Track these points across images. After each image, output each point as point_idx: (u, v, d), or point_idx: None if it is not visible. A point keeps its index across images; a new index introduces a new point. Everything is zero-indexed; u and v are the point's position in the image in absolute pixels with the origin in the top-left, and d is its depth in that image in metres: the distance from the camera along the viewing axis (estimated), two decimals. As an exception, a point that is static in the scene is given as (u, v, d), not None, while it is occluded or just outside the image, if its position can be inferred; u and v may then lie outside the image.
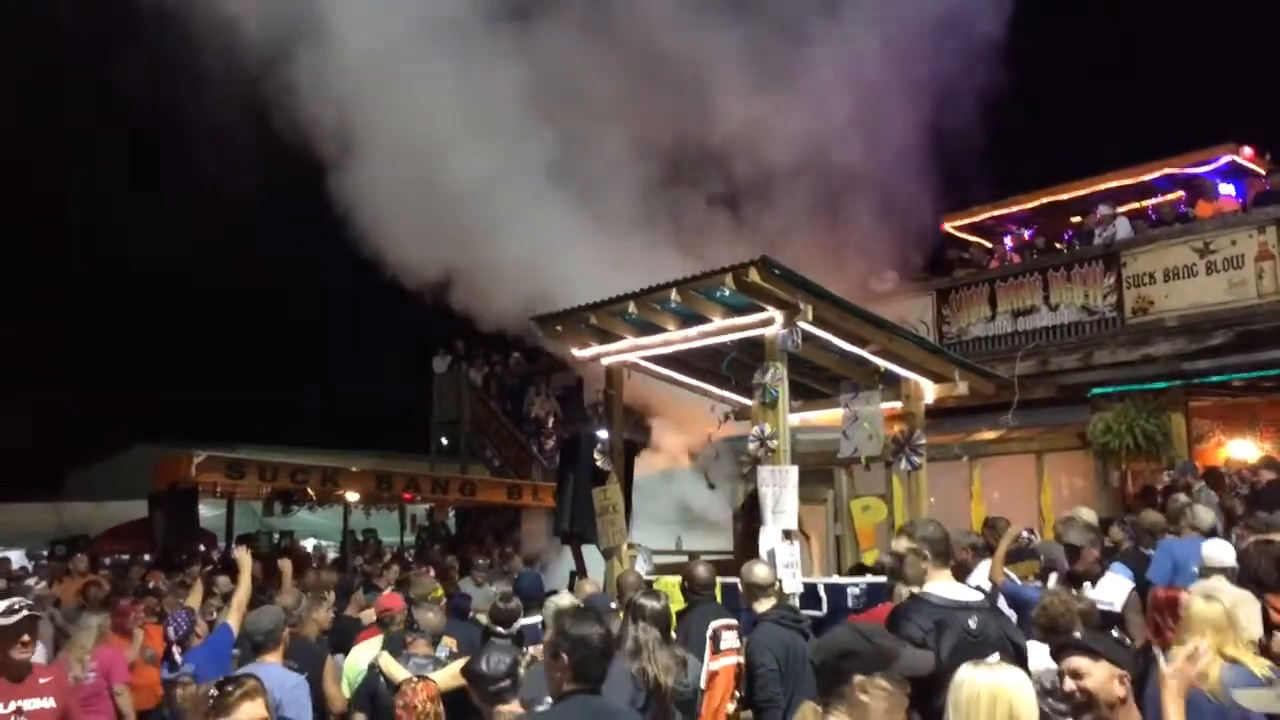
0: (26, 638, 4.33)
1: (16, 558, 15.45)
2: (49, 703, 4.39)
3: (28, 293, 30.65)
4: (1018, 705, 2.55)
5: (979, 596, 4.05)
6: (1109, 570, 6.43)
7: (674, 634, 5.09)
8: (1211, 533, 6.53)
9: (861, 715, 2.61)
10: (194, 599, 7.91)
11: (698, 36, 13.19)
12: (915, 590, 3.84)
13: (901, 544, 3.90)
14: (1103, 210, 13.01)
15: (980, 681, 2.59)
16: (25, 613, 4.32)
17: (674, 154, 13.52)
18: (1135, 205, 13.76)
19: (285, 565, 8.33)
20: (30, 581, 11.34)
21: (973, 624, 3.54)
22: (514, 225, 12.53)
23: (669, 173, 13.61)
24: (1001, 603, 6.15)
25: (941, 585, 3.78)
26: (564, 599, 6.29)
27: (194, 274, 29.73)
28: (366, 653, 5.98)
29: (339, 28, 12.58)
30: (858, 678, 2.62)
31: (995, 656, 2.76)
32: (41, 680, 4.45)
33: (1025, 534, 8.65)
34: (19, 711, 4.27)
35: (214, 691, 3.16)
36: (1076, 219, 14.48)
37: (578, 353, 8.59)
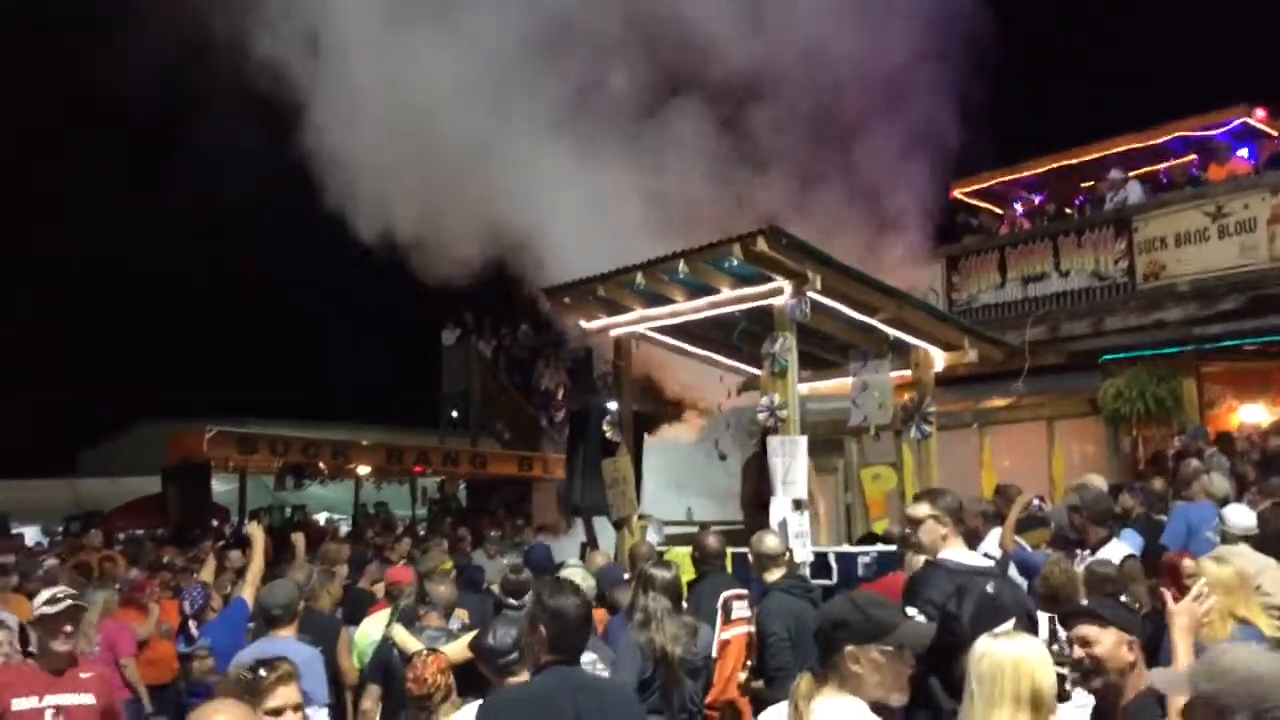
0: (69, 628, 4.15)
1: (32, 534, 15.65)
2: (88, 699, 4.15)
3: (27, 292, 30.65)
4: (1039, 676, 2.55)
5: (991, 563, 4.06)
6: (1117, 537, 6.43)
7: (685, 604, 5.11)
8: (1225, 499, 6.52)
9: (854, 686, 2.58)
10: (207, 574, 8.00)
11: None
12: (931, 557, 3.85)
13: (921, 509, 3.91)
14: (1114, 174, 12.88)
15: (1002, 652, 2.58)
16: (69, 602, 4.14)
17: (668, 92, 13.20)
18: (1147, 169, 13.61)
19: (298, 539, 8.38)
20: (44, 558, 11.44)
21: (990, 589, 3.55)
22: (496, 172, 12.21)
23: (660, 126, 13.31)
24: (1012, 570, 6.16)
25: (957, 552, 3.80)
26: (575, 571, 6.31)
27: (198, 258, 29.76)
28: (375, 626, 6.03)
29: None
30: (849, 648, 2.59)
31: (1012, 622, 2.75)
32: (82, 675, 4.22)
33: (1036, 501, 8.64)
34: (57, 707, 4.05)
35: (248, 674, 3.14)
36: (1087, 184, 14.34)
37: (586, 324, 8.56)
